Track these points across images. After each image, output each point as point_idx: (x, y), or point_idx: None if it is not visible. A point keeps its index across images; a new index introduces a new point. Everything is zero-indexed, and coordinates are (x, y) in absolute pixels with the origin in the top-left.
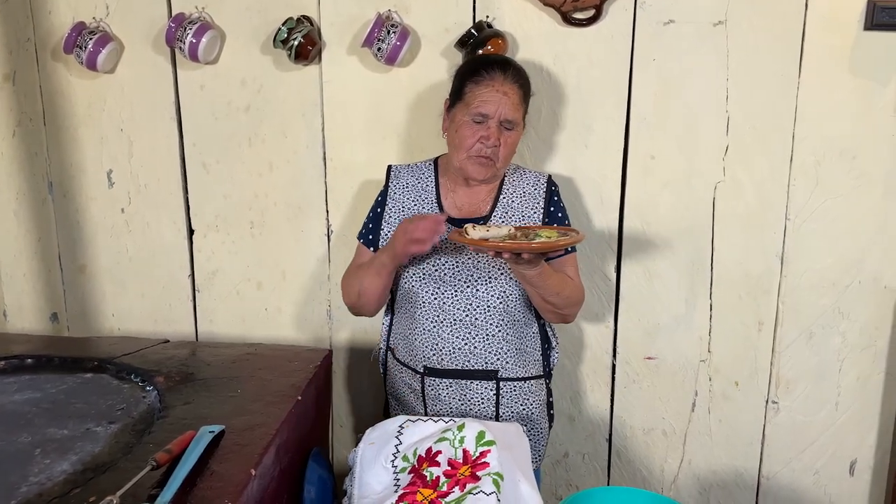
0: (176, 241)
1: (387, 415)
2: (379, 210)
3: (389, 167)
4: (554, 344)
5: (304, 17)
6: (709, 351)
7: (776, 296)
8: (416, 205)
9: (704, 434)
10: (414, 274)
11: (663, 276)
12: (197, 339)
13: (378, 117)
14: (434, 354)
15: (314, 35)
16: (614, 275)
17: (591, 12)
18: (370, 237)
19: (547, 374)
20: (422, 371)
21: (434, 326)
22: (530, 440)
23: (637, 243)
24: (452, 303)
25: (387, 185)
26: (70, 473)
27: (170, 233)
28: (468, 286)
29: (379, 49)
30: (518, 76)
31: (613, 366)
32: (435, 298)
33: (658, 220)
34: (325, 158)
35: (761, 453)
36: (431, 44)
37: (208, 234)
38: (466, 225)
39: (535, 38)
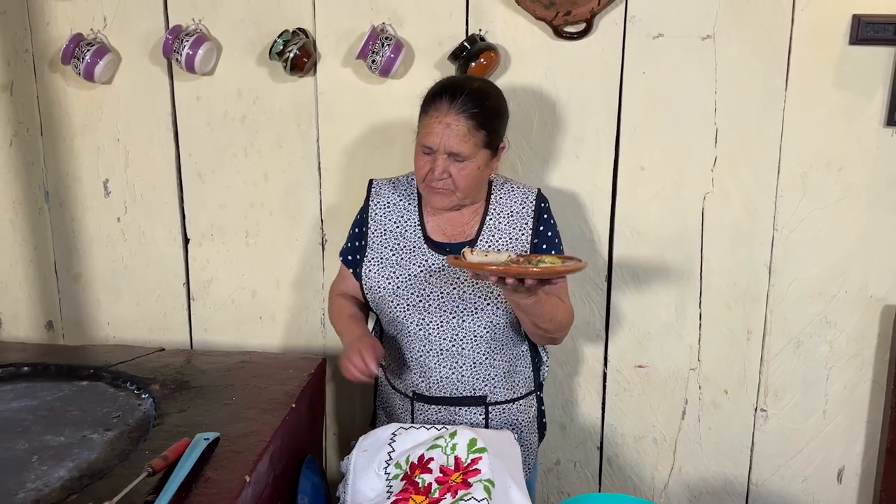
0: (171, 250)
1: (373, 426)
2: (359, 230)
3: (371, 182)
4: (545, 359)
5: (299, 29)
6: (698, 359)
7: (764, 305)
8: (398, 227)
9: (694, 442)
10: (399, 304)
11: (653, 286)
12: (192, 348)
13: (372, 128)
14: (422, 382)
15: (309, 47)
16: (605, 284)
17: (582, 26)
18: (349, 257)
19: (538, 387)
20: (411, 395)
21: (421, 356)
22: None
23: (627, 253)
24: (438, 333)
25: (367, 203)
26: (67, 480)
27: (165, 242)
28: (454, 317)
29: (373, 61)
30: (468, 104)
31: (605, 374)
32: (420, 329)
33: (648, 230)
34: (319, 169)
35: (750, 461)
36: (425, 56)
37: (203, 243)
38: (464, 249)
39: (527, 51)
